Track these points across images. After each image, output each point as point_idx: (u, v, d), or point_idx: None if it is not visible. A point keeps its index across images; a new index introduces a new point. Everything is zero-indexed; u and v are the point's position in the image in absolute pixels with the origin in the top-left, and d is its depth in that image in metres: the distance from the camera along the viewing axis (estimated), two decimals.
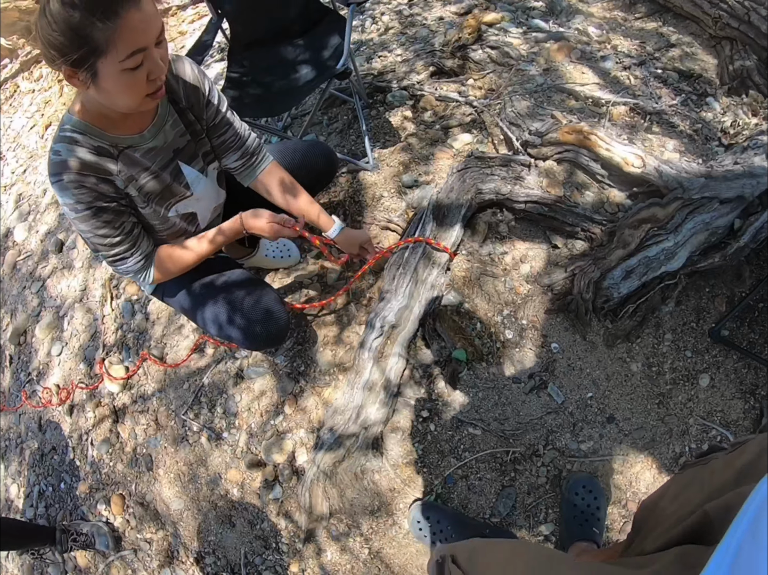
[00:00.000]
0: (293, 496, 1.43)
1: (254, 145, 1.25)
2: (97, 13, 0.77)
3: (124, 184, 1.03)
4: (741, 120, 1.92)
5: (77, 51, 0.80)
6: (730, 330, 1.54)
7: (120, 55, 0.82)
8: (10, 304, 2.29)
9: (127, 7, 0.79)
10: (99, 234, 1.04)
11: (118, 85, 0.87)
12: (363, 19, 2.60)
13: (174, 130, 1.09)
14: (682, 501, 0.69)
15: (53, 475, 1.86)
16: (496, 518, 1.31)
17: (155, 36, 0.86)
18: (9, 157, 3.03)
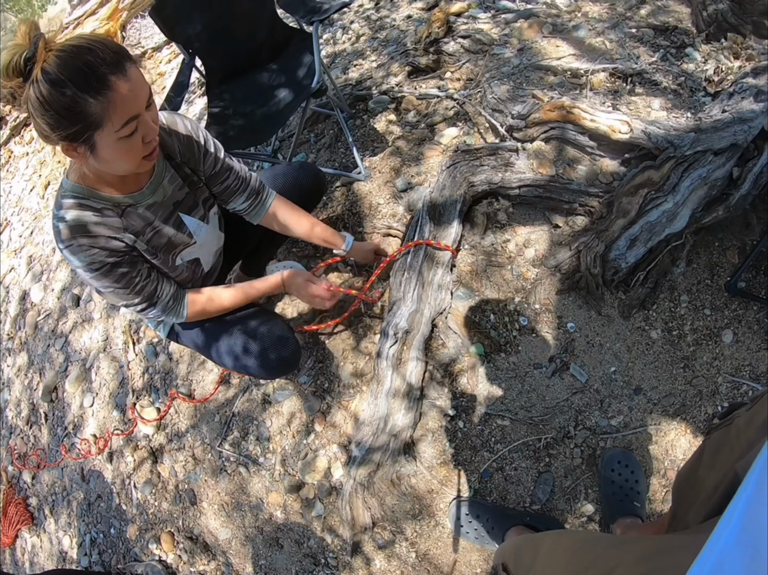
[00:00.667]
0: (335, 511, 1.45)
1: (258, 185, 1.28)
2: (88, 89, 0.79)
3: (133, 240, 1.05)
4: (723, 65, 1.88)
5: (74, 128, 0.82)
6: (747, 281, 1.52)
7: (115, 125, 0.84)
8: (37, 363, 2.36)
9: (115, 79, 0.81)
10: (119, 287, 1.05)
11: (117, 153, 0.89)
12: (333, 30, 2.62)
13: (172, 185, 1.12)
14: (716, 467, 0.69)
15: (102, 522, 1.91)
16: (537, 505, 1.31)
17: (145, 101, 0.88)
18: (14, 221, 3.12)
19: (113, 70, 0.81)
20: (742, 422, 0.68)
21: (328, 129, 2.10)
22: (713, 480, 0.68)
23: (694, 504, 0.72)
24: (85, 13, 3.33)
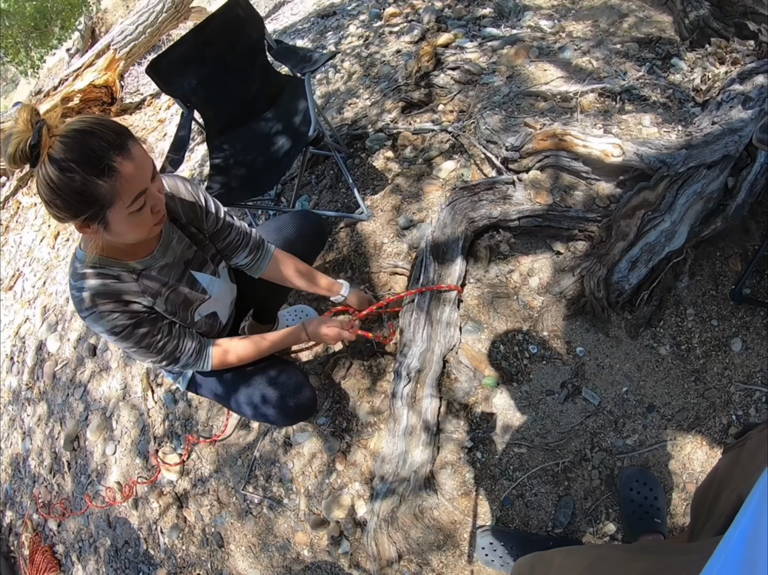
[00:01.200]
0: (361, 547, 1.47)
1: (258, 239, 1.33)
2: (96, 173, 0.83)
3: (151, 301, 1.09)
4: (710, 72, 1.91)
5: (85, 209, 0.86)
6: (751, 287, 1.53)
7: (125, 202, 0.88)
8: (57, 413, 2.40)
9: (121, 159, 0.85)
10: (143, 345, 1.09)
11: (129, 226, 0.93)
12: (326, 70, 2.68)
13: (180, 245, 1.16)
14: (728, 486, 0.72)
15: (131, 568, 1.93)
16: (559, 529, 1.33)
17: (150, 176, 0.92)
18: (27, 272, 3.19)
19: (118, 151, 0.84)
20: (754, 444, 0.70)
21: (328, 170, 2.15)
22: (725, 500, 0.70)
23: (709, 520, 0.74)
24: (83, 65, 3.43)
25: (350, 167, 2.07)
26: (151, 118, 3.31)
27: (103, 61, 3.41)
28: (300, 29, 3.74)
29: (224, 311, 1.34)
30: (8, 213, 3.76)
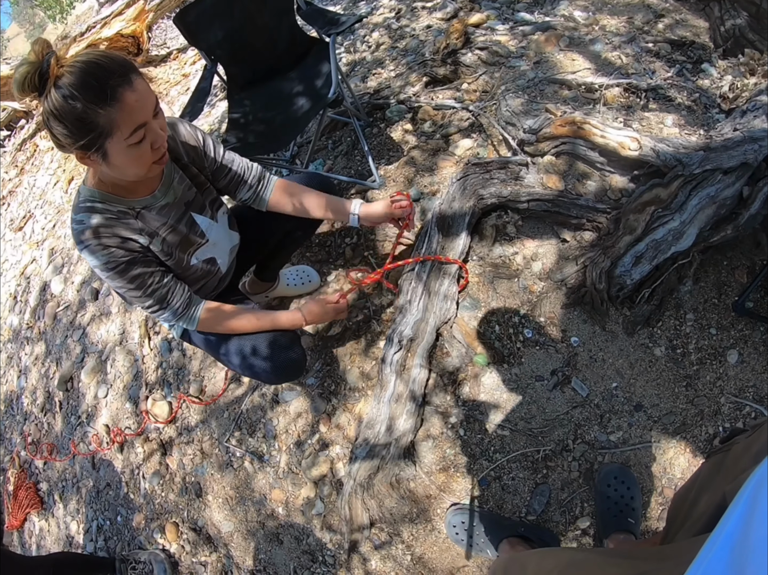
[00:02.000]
0: (335, 510, 1.49)
1: (258, 174, 1.33)
2: (97, 101, 0.85)
3: (148, 240, 1.10)
4: (739, 82, 1.87)
5: (85, 136, 0.88)
6: (755, 301, 1.51)
7: (124, 133, 0.90)
8: (54, 353, 2.44)
9: (122, 90, 0.87)
10: (133, 287, 1.10)
11: (127, 159, 0.95)
12: (354, 38, 2.66)
13: (181, 185, 1.17)
14: (709, 490, 0.71)
15: (110, 510, 1.97)
16: (532, 516, 1.34)
17: (152, 110, 0.93)
18: (38, 214, 3.22)
19: (120, 82, 0.87)
20: (740, 449, 0.70)
21: (345, 136, 2.14)
22: (705, 503, 0.69)
23: (685, 524, 0.73)
24: (112, 13, 3.42)
25: (368, 135, 2.06)
26: (176, 71, 3.30)
27: (133, 11, 3.39)
28: None
29: (223, 258, 1.34)
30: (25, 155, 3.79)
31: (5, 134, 4.50)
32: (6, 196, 3.77)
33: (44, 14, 6.47)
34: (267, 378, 1.31)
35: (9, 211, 3.70)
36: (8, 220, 3.59)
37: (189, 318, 1.22)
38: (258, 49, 1.86)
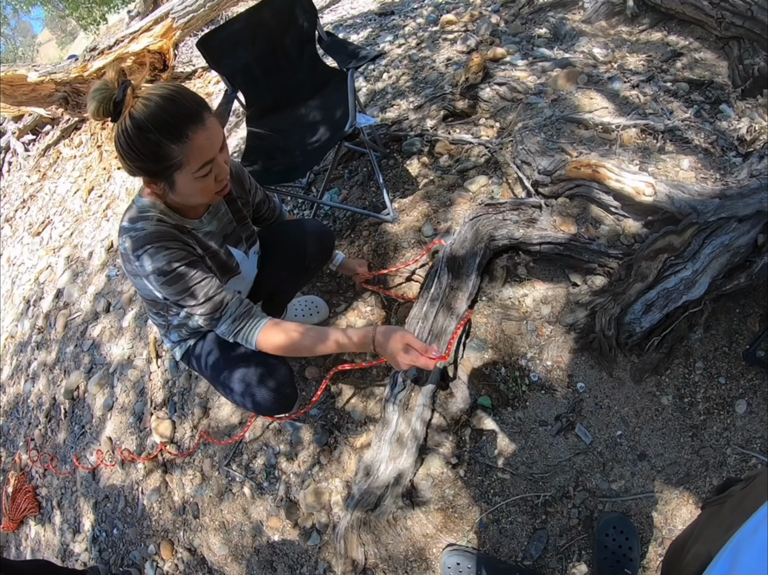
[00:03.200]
0: (330, 543, 1.48)
1: (277, 213, 1.43)
2: (170, 136, 0.89)
3: (202, 253, 1.14)
4: (757, 124, 1.86)
5: (156, 168, 0.94)
6: (766, 350, 1.49)
7: (193, 167, 0.94)
8: (63, 361, 2.47)
9: (195, 128, 0.91)
10: (190, 291, 1.05)
11: (193, 190, 1.00)
12: (374, 69, 2.69)
13: (225, 218, 1.22)
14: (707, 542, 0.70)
15: (107, 522, 1.97)
16: (528, 561, 1.32)
17: (219, 146, 0.98)
18: (56, 221, 3.28)
19: (194, 120, 0.91)
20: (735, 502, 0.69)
21: (361, 167, 2.16)
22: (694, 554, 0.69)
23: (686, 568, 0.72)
24: (141, 29, 3.51)
25: (384, 167, 2.08)
26: (200, 90, 3.37)
27: (161, 28, 3.48)
28: (357, 24, 3.77)
29: (246, 292, 1.40)
30: (48, 161, 3.87)
31: (30, 139, 4.62)
32: (27, 200, 3.86)
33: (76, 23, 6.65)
34: (261, 411, 1.28)
35: (28, 215, 3.78)
36: (27, 223, 3.67)
37: (247, 334, 1.13)
38: (278, 77, 1.90)
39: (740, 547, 0.49)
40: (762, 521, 0.49)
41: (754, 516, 0.51)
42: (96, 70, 3.38)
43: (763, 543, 0.46)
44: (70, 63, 3.61)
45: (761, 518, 0.50)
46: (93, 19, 6.11)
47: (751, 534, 0.49)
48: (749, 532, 0.49)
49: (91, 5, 6.06)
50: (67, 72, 3.47)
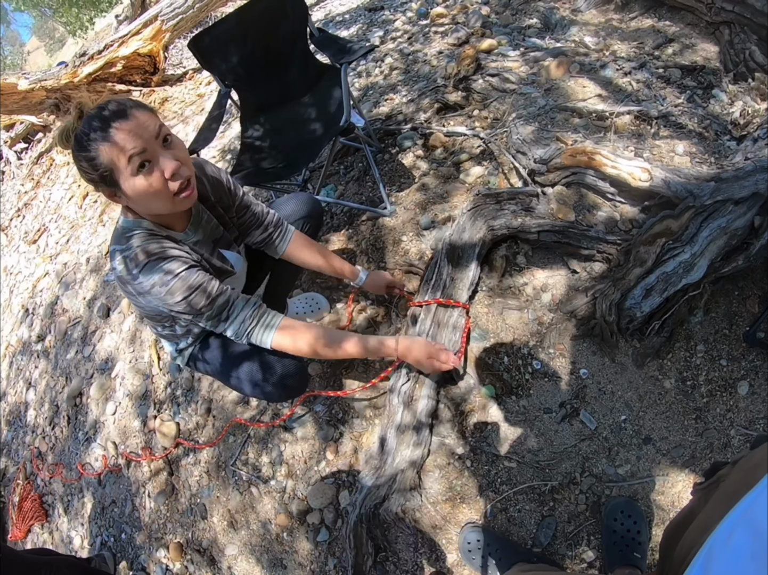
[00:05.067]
0: (339, 538, 1.48)
1: (275, 220, 1.36)
2: (98, 139, 0.91)
3: (198, 260, 1.13)
4: (750, 107, 1.86)
5: (99, 175, 0.94)
6: (766, 331, 1.50)
7: (122, 163, 0.92)
8: (64, 368, 2.46)
9: (117, 124, 0.91)
10: (195, 296, 1.04)
11: (139, 191, 0.95)
12: (366, 64, 2.69)
13: (209, 225, 1.21)
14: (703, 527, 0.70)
15: (114, 526, 1.97)
16: (538, 548, 1.32)
17: (148, 138, 0.93)
18: (52, 228, 3.27)
19: (115, 116, 0.92)
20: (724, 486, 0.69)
21: (357, 162, 2.16)
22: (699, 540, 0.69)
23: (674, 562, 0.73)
24: (130, 32, 3.49)
25: (379, 162, 2.08)
26: (191, 91, 3.36)
27: (150, 31, 3.46)
28: (346, 20, 3.76)
29: (240, 287, 1.40)
30: (41, 168, 3.85)
31: (22, 147, 4.60)
32: (21, 209, 3.84)
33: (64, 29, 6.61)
34: (273, 400, 1.36)
35: (24, 223, 3.76)
36: (23, 232, 3.66)
37: (263, 329, 1.14)
38: (271, 74, 1.90)
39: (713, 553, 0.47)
40: (737, 523, 0.48)
41: (728, 516, 0.49)
42: (86, 76, 3.36)
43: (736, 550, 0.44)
44: (60, 69, 3.59)
45: (735, 519, 0.48)
46: (81, 24, 6.08)
47: (726, 538, 0.47)
48: (724, 536, 0.48)
49: (79, 9, 6.03)
50: (58, 79, 3.45)
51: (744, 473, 0.61)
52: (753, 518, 0.46)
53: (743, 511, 0.49)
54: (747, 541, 0.44)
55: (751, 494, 0.49)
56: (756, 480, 0.50)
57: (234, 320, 1.12)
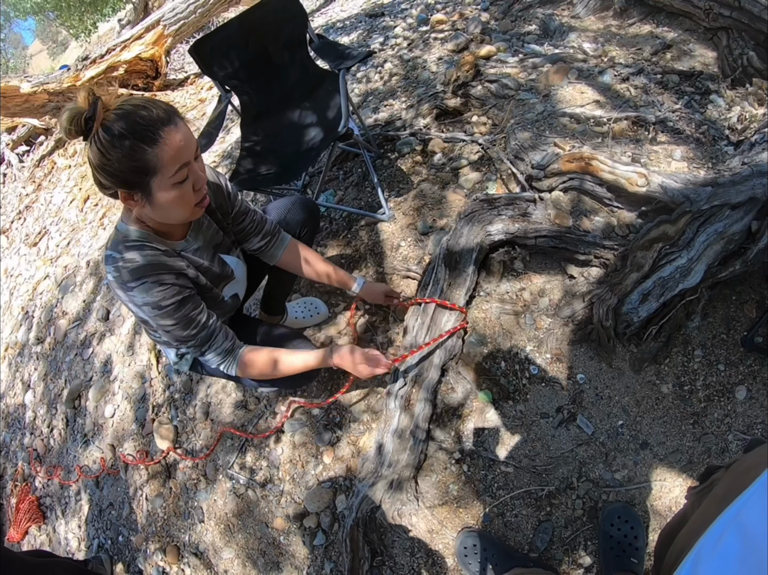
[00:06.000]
0: (336, 542, 1.48)
1: (272, 228, 1.37)
2: (144, 140, 0.89)
3: (195, 274, 1.14)
4: (747, 112, 1.87)
5: (132, 174, 0.91)
6: (764, 335, 1.49)
7: (169, 171, 0.93)
8: (63, 370, 2.47)
9: (168, 130, 0.90)
10: (182, 325, 1.09)
11: (171, 199, 0.97)
12: (366, 69, 2.71)
13: (210, 230, 1.22)
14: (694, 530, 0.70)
15: (111, 529, 1.97)
16: (534, 553, 1.32)
17: (194, 152, 0.97)
18: (53, 231, 3.28)
19: (166, 123, 0.91)
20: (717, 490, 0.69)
21: (356, 167, 2.17)
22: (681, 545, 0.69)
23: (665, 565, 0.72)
24: (132, 37, 3.52)
25: (378, 167, 2.09)
26: (192, 96, 3.37)
27: (152, 36, 3.49)
28: (347, 26, 3.78)
29: (242, 291, 1.40)
30: (42, 171, 3.87)
31: (24, 149, 4.62)
32: (22, 211, 3.86)
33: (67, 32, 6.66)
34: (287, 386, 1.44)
35: (25, 226, 3.78)
36: (24, 234, 3.67)
37: (230, 364, 1.21)
38: (271, 80, 1.91)
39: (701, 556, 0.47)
40: (726, 527, 0.47)
41: (718, 520, 0.49)
42: (88, 79, 3.38)
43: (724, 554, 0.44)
44: (62, 73, 3.62)
45: (725, 523, 0.48)
46: (84, 28, 6.11)
47: (715, 542, 0.47)
48: (713, 539, 0.47)
49: (82, 13, 6.07)
50: (60, 82, 3.47)
51: (735, 476, 0.61)
52: (743, 522, 0.46)
53: (734, 515, 0.48)
54: (736, 546, 0.44)
55: (742, 497, 0.49)
56: (747, 483, 0.50)
57: (212, 351, 1.18)
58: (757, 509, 0.46)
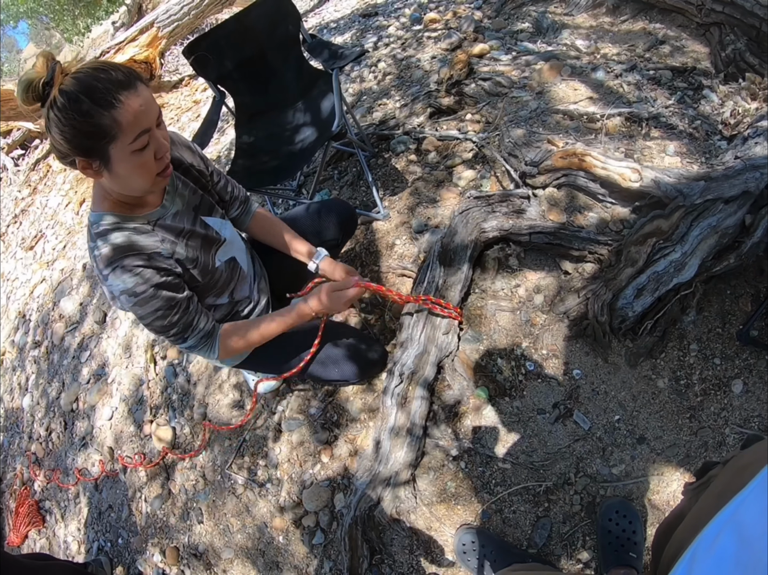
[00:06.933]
0: (335, 541, 1.48)
1: (243, 194, 1.38)
2: (102, 103, 0.85)
3: (171, 250, 1.08)
4: (740, 107, 1.87)
5: (89, 140, 0.87)
6: (759, 329, 1.50)
7: (128, 138, 0.89)
8: (60, 373, 2.47)
9: (127, 94, 0.87)
10: (159, 315, 1.05)
11: (130, 167, 0.93)
12: (360, 69, 2.71)
13: (186, 190, 1.17)
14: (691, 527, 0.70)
15: (111, 531, 1.97)
16: (533, 549, 1.32)
17: (155, 118, 0.94)
18: (49, 234, 3.27)
19: (125, 86, 0.88)
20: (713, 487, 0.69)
21: (351, 167, 2.17)
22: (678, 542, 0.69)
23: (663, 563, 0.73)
24: (126, 39, 3.51)
25: (372, 166, 2.10)
26: (187, 98, 3.38)
27: (146, 38, 3.48)
28: (341, 26, 3.78)
29: (242, 257, 1.34)
30: (38, 175, 3.86)
31: (19, 153, 4.61)
32: (18, 215, 3.85)
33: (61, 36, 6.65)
34: (354, 380, 1.39)
35: (21, 230, 3.77)
36: (20, 238, 3.67)
37: (211, 346, 1.19)
38: (266, 80, 1.91)
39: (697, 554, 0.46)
40: (723, 526, 0.47)
41: (715, 518, 0.48)
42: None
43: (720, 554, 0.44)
44: None
45: (722, 521, 0.48)
46: (77, 31, 6.11)
47: (712, 541, 0.47)
48: (710, 538, 0.47)
49: (76, 16, 6.06)
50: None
51: (733, 473, 0.61)
52: (740, 521, 0.46)
53: (731, 514, 0.48)
54: (732, 546, 0.44)
55: (739, 496, 0.49)
56: (745, 481, 0.50)
57: (192, 338, 1.14)
58: (754, 508, 0.45)
